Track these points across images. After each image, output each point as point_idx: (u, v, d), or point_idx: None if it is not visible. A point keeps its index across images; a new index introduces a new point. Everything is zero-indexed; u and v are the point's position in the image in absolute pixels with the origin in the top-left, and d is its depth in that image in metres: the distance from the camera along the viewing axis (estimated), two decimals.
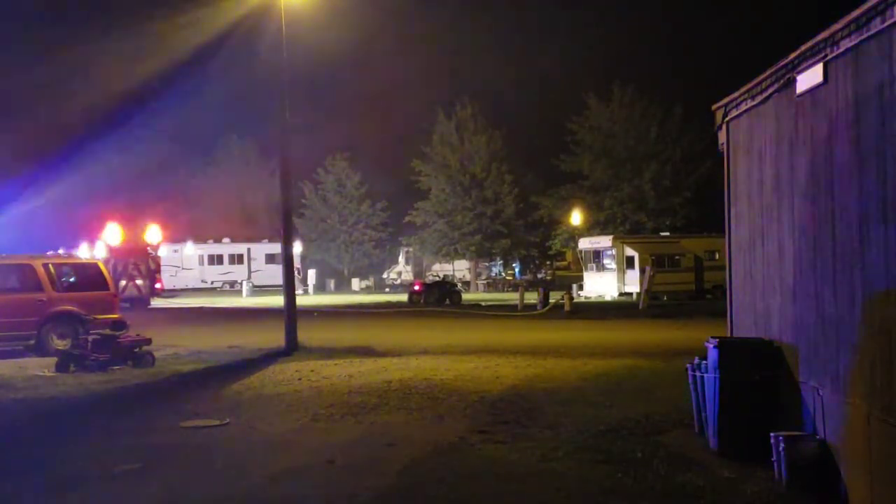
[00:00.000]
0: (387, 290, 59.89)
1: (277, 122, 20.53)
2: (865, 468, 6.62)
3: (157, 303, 39.38)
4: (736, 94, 9.69)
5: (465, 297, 45.01)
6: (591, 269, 44.56)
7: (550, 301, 34.97)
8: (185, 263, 57.96)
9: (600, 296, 43.09)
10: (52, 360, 16.20)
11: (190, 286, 56.65)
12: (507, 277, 62.23)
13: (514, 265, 64.83)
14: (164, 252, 46.81)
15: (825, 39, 7.11)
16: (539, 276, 64.87)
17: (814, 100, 7.59)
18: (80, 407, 12.26)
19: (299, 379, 14.33)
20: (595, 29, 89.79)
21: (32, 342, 18.24)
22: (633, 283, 40.89)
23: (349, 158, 66.65)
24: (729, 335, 10.06)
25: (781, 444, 7.49)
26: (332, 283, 61.69)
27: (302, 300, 29.63)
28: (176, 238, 57.26)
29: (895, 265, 6.12)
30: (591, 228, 53.39)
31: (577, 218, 53.90)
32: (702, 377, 9.12)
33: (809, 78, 7.56)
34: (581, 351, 18.24)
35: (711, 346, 8.76)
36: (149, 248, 38.14)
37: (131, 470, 8.33)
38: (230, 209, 70.05)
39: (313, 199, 66.53)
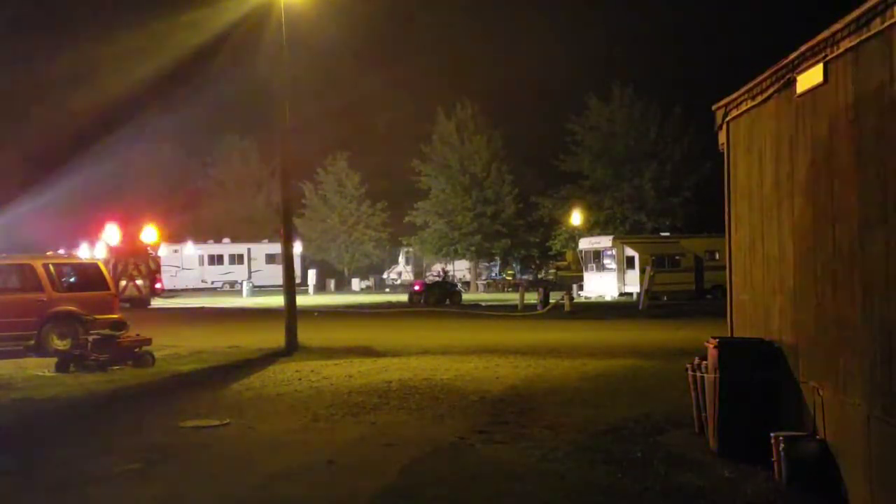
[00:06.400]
0: (387, 290, 59.91)
1: (277, 123, 20.52)
2: (865, 468, 6.62)
3: (157, 303, 39.40)
4: (736, 95, 9.69)
5: (466, 297, 45.03)
6: (591, 270, 44.56)
7: (550, 301, 34.98)
8: (185, 263, 57.97)
9: (600, 296, 43.09)
10: (52, 360, 16.20)
11: (190, 286, 56.66)
12: (507, 278, 62.22)
13: (514, 265, 64.78)
14: (164, 252, 46.86)
15: (825, 39, 7.11)
16: (540, 276, 64.82)
17: (814, 100, 7.59)
18: (80, 407, 12.26)
19: (299, 379, 14.33)
20: (595, 29, 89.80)
21: (32, 342, 18.23)
22: (633, 283, 40.89)
23: (349, 158, 66.72)
24: (729, 335, 10.05)
25: (781, 444, 7.49)
26: (332, 283, 61.72)
27: (302, 300, 29.62)
28: (176, 238, 57.31)
29: (895, 265, 6.11)
30: (591, 228, 53.37)
31: (577, 218, 53.89)
32: (702, 377, 9.12)
33: (809, 78, 7.56)
34: (581, 351, 18.24)
35: (711, 346, 8.76)
36: (149, 248, 38.16)
37: (131, 470, 8.33)
38: (230, 209, 70.11)
39: (313, 199, 66.55)
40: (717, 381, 8.54)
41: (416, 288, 41.44)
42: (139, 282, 37.10)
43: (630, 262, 41.78)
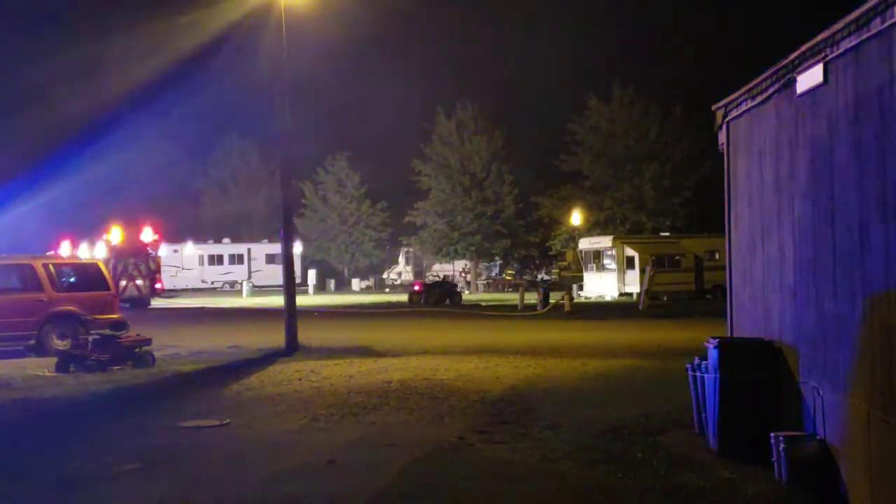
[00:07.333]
0: (387, 290, 59.92)
1: (277, 122, 20.52)
2: (865, 468, 6.62)
3: (157, 303, 39.40)
4: (736, 95, 9.69)
5: (466, 297, 45.02)
6: (591, 270, 44.57)
7: (550, 301, 34.99)
8: (185, 264, 57.96)
9: (600, 296, 43.09)
10: (52, 360, 16.20)
11: (190, 286, 56.65)
12: (507, 278, 62.25)
13: (514, 265, 64.79)
14: (164, 252, 46.80)
15: (825, 39, 7.11)
16: (539, 276, 64.78)
17: (814, 100, 7.59)
18: (80, 407, 12.27)
19: (299, 379, 14.33)
20: (595, 29, 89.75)
21: (32, 342, 18.24)
22: (633, 283, 40.89)
23: (349, 158, 66.73)
24: (729, 335, 10.05)
25: (782, 444, 7.49)
26: (332, 283, 61.72)
27: (302, 300, 29.62)
28: (176, 238, 57.30)
29: (895, 265, 6.12)
30: (591, 229, 53.36)
31: (577, 218, 53.88)
32: (702, 377, 9.13)
33: (809, 78, 7.56)
34: (581, 351, 18.24)
35: (711, 346, 8.76)
36: (149, 248, 38.15)
37: (131, 470, 8.34)
38: (230, 209, 70.10)
39: (313, 199, 66.57)
40: (718, 381, 8.54)
41: (416, 288, 41.46)
42: (139, 282, 37.08)
43: (630, 262, 41.78)
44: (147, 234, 38.02)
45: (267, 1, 20.12)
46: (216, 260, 60.12)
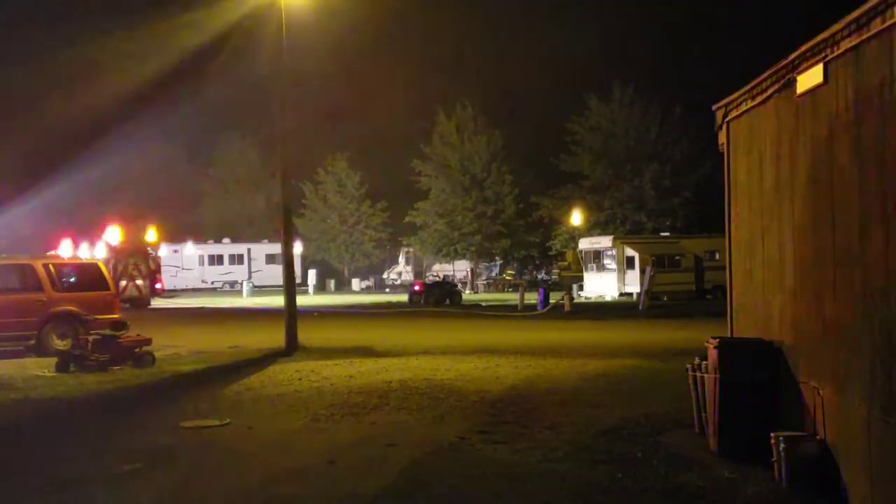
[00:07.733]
0: (387, 290, 59.93)
1: (277, 123, 20.53)
2: (865, 468, 6.63)
3: (157, 303, 39.41)
4: (736, 95, 9.69)
5: (465, 297, 45.03)
6: (592, 270, 44.58)
7: (550, 301, 34.99)
8: (185, 264, 57.98)
9: (600, 296, 43.11)
10: (52, 360, 16.21)
11: (190, 286, 56.67)
12: (507, 278, 62.27)
13: (513, 265, 64.81)
14: (164, 252, 46.82)
15: (825, 40, 7.11)
16: (540, 277, 64.77)
17: (814, 100, 7.59)
18: (80, 407, 12.26)
19: (300, 379, 14.33)
20: (595, 28, 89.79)
21: (32, 342, 18.24)
22: (633, 284, 40.91)
23: (349, 158, 66.74)
24: (729, 335, 10.05)
25: (782, 445, 7.49)
26: (332, 283, 61.73)
27: (302, 300, 29.62)
28: (176, 238, 57.32)
29: (895, 265, 6.12)
30: (592, 229, 53.36)
31: (577, 218, 53.90)
32: (702, 377, 9.13)
33: (810, 78, 7.56)
34: (581, 351, 18.24)
35: (711, 346, 8.76)
36: (149, 248, 38.19)
37: (132, 470, 8.34)
38: (230, 209, 70.14)
39: (313, 199, 66.59)
40: (718, 381, 8.54)
41: (416, 288, 41.47)
42: (139, 282, 37.13)
43: (630, 263, 41.79)
44: (147, 234, 38.07)
45: (267, 1, 20.13)
46: (216, 260, 60.13)
